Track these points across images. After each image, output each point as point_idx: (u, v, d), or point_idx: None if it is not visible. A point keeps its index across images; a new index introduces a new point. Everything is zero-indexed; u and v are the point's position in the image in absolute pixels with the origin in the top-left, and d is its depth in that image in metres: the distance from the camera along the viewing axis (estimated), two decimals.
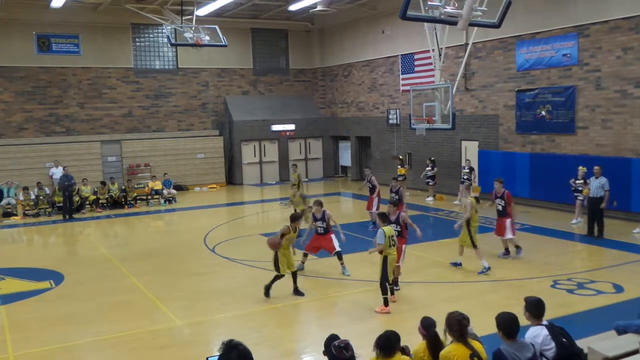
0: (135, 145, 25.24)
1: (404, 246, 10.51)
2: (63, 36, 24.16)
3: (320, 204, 11.71)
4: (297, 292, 10.29)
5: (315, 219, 11.67)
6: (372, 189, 16.07)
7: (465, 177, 19.51)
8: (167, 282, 11.65)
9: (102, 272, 12.37)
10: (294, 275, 10.36)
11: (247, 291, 10.82)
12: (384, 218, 9.71)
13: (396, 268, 9.96)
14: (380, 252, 9.29)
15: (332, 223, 11.67)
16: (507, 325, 5.02)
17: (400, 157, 22.88)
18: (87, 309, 10.11)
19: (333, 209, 11.82)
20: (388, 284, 9.36)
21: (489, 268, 11.29)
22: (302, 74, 29.80)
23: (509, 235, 12.34)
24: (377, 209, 14.99)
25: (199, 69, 26.90)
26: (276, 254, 10.10)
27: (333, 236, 11.59)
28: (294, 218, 10.61)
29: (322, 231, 11.61)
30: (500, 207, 12.41)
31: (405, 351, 5.15)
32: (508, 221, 12.28)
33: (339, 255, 11.53)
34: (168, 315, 9.59)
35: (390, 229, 9.48)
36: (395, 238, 9.51)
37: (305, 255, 11.82)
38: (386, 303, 9.28)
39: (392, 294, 9.68)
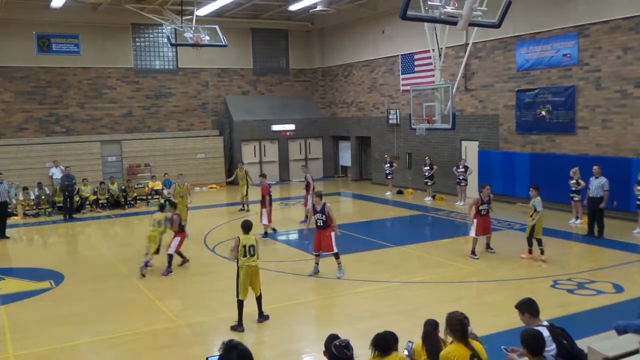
0: (135, 145, 25.23)
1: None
2: (63, 36, 24.16)
3: (320, 195, 11.58)
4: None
5: (315, 212, 11.54)
6: (307, 186, 17.19)
7: (461, 177, 19.48)
8: (167, 282, 11.65)
9: (102, 272, 12.37)
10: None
11: None
12: (537, 189, 12.38)
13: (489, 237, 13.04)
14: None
15: (331, 217, 11.41)
16: (535, 341, 4.80)
17: (387, 155, 23.43)
18: (87, 309, 10.11)
19: (333, 209, 11.72)
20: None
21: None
22: (302, 74, 29.79)
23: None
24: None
25: (199, 69, 26.90)
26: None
27: (333, 234, 11.41)
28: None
29: (322, 224, 11.41)
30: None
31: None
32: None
33: (336, 255, 11.47)
34: (168, 315, 9.59)
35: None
36: None
37: (317, 255, 11.70)
38: (530, 252, 12.51)
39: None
